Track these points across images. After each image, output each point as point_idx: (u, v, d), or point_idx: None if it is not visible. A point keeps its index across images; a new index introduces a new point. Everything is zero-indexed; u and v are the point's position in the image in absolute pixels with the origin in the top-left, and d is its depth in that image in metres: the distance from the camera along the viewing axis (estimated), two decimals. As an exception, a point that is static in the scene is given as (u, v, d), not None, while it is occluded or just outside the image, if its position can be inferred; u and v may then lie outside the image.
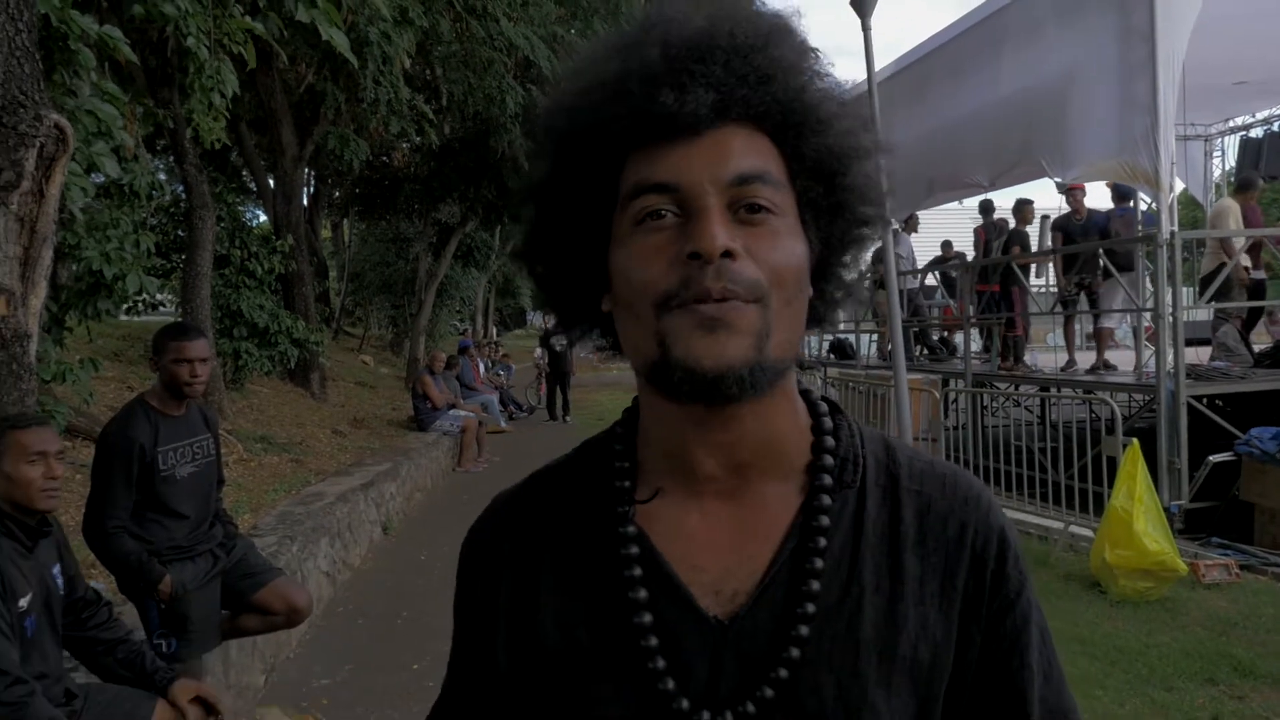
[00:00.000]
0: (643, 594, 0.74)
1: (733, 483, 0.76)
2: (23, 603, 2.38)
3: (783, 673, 0.71)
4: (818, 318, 0.79)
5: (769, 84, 0.72)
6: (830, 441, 0.78)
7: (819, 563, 0.73)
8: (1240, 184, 8.95)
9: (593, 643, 0.75)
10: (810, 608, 0.72)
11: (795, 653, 0.71)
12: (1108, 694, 4.02)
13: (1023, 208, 10.24)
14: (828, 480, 0.76)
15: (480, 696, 0.83)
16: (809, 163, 0.74)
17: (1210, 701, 3.92)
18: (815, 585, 0.72)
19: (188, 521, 3.27)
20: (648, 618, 0.73)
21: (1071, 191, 9.06)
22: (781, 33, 0.74)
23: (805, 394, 0.82)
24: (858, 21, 7.20)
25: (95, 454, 3.23)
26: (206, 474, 3.37)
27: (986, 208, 11.11)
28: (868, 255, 0.82)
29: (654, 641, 0.72)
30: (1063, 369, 9.29)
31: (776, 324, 0.69)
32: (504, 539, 0.83)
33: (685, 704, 0.71)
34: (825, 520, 0.74)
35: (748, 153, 0.71)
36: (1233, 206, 8.29)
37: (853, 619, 0.73)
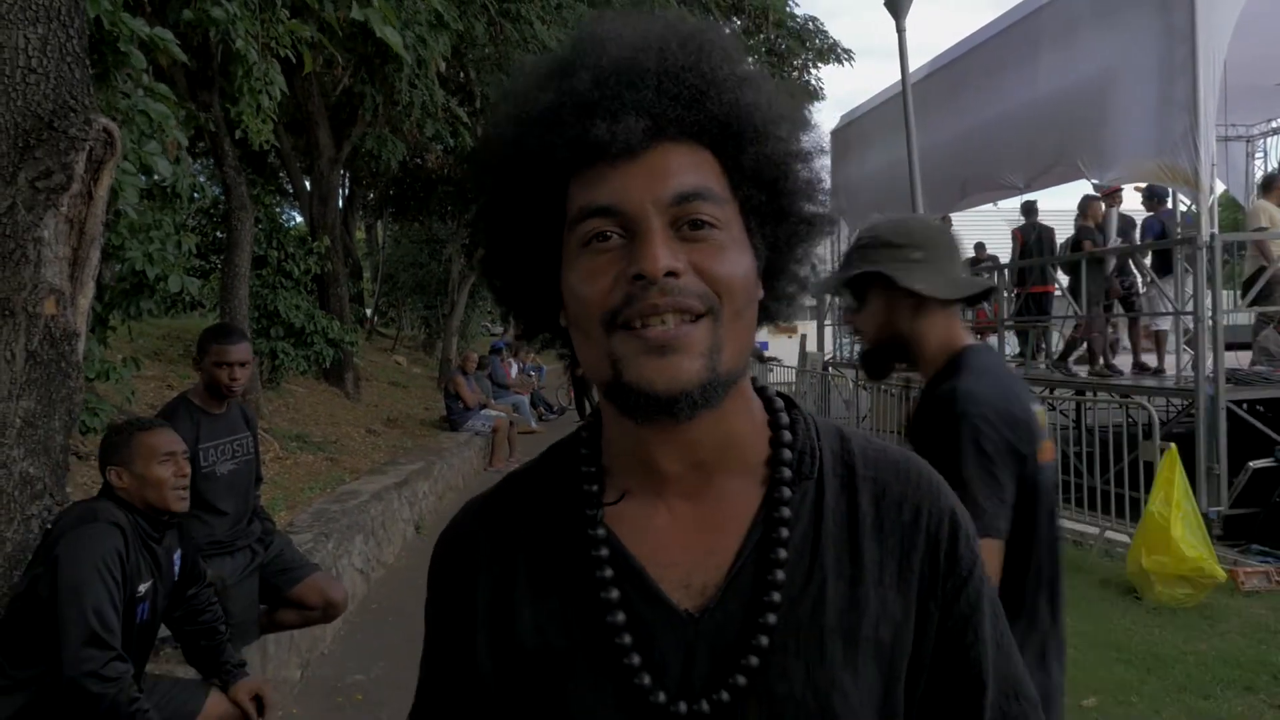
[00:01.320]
0: (615, 594, 0.76)
1: (695, 481, 0.78)
2: (141, 589, 2.46)
3: (753, 660, 0.73)
4: (770, 315, 0.82)
5: (702, 101, 0.74)
6: (787, 436, 0.81)
7: (782, 553, 0.75)
8: (1264, 183, 8.75)
9: (569, 643, 0.77)
10: (776, 597, 0.74)
11: (764, 641, 0.73)
12: (1144, 701, 3.98)
13: (1089, 204, 9.42)
14: (787, 474, 0.79)
15: (458, 700, 0.84)
16: (749, 172, 0.76)
17: (1248, 710, 3.87)
18: (780, 575, 0.75)
19: (227, 518, 3.33)
20: (621, 616, 0.75)
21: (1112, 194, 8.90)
22: (711, 47, 0.76)
23: (761, 391, 0.84)
24: (892, 22, 7.17)
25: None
26: (245, 471, 3.44)
27: (1029, 209, 10.75)
28: (817, 250, 0.85)
29: (628, 639, 0.74)
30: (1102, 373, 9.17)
31: (727, 337, 0.72)
32: (480, 542, 0.84)
33: (662, 697, 0.73)
34: (786, 512, 0.77)
35: (687, 170, 0.72)
36: (1265, 207, 8.14)
37: (816, 605, 0.75)
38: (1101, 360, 8.91)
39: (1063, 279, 9.86)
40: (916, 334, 1.72)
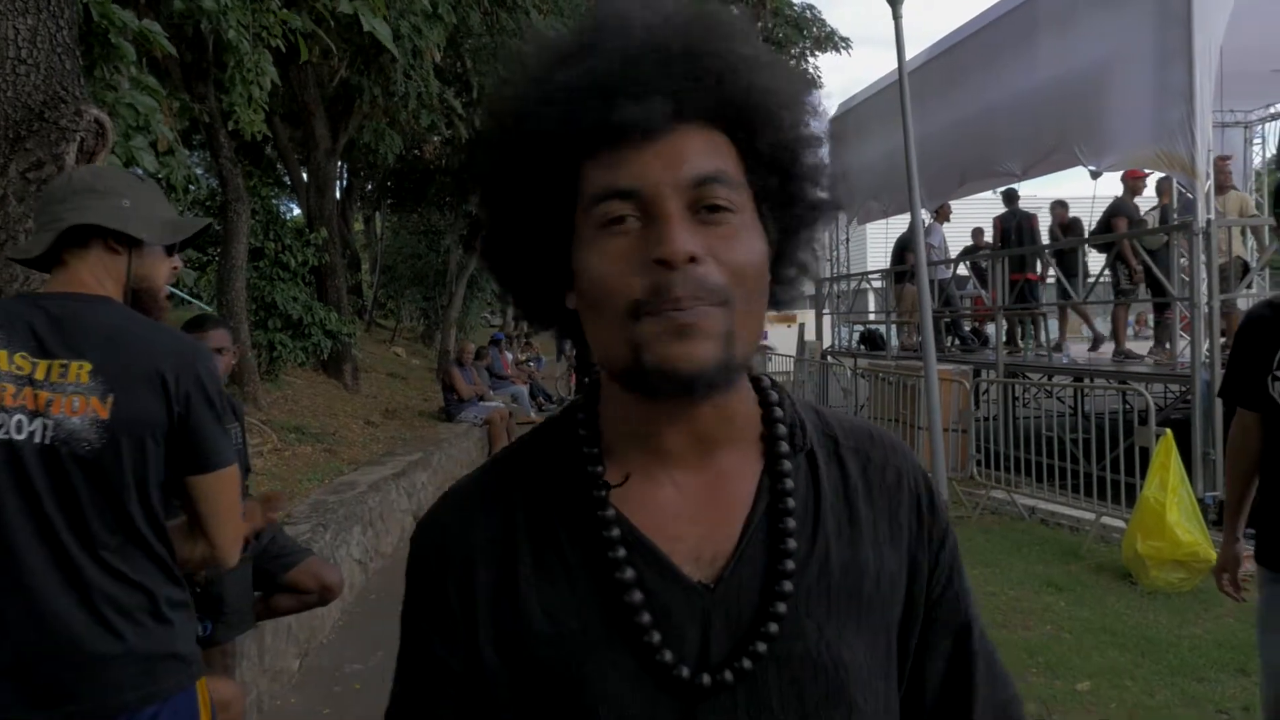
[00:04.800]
0: (630, 573, 0.76)
1: (698, 456, 0.80)
2: None
3: (772, 627, 0.75)
4: (774, 299, 0.81)
5: (721, 85, 0.73)
6: (779, 412, 0.84)
7: (790, 521, 0.78)
8: None
9: (585, 625, 0.76)
10: (789, 564, 0.76)
11: (780, 607, 0.75)
12: (1138, 685, 4.00)
13: (1132, 180, 9.05)
14: (785, 446, 0.82)
15: (439, 704, 0.81)
16: (763, 157, 0.76)
17: (1242, 692, 3.88)
18: (791, 542, 0.77)
19: (220, 507, 3.34)
20: (638, 595, 0.75)
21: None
22: (731, 29, 0.76)
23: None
24: (889, 10, 7.15)
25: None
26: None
27: (1009, 196, 10.96)
28: (821, 236, 0.86)
29: (646, 617, 0.75)
30: (1113, 356, 9.15)
31: (741, 323, 0.72)
32: (473, 531, 0.81)
33: (685, 671, 0.74)
34: (789, 482, 0.80)
35: (705, 154, 0.73)
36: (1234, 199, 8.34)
37: (823, 567, 0.78)
38: (1114, 345, 8.94)
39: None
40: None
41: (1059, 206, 10.74)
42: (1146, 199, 9.31)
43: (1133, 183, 9.11)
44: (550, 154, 0.74)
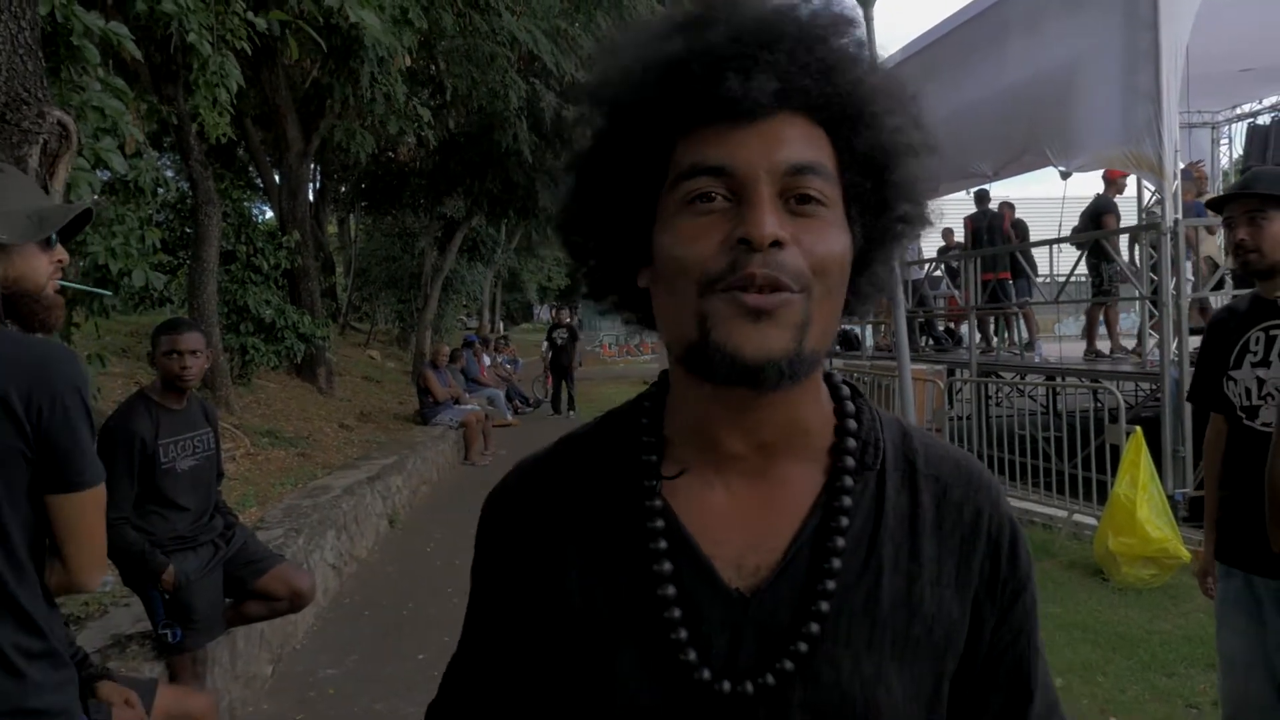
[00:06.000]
0: (667, 566, 0.75)
1: (758, 462, 0.77)
2: None
3: (802, 647, 0.73)
4: (848, 309, 0.80)
5: (829, 76, 0.72)
6: (853, 425, 0.80)
7: (840, 541, 0.75)
8: None
9: (616, 612, 0.76)
10: (830, 585, 0.74)
11: (815, 628, 0.73)
12: (1109, 680, 4.04)
13: (1113, 177, 9.21)
14: (850, 462, 0.78)
15: (502, 657, 0.84)
16: (860, 157, 0.74)
17: (1211, 687, 3.93)
18: (836, 563, 0.74)
19: (189, 513, 3.30)
20: (671, 590, 0.74)
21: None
22: (844, 24, 0.75)
23: (828, 378, 0.83)
24: (860, 11, 7.19)
25: (97, 447, 3.26)
26: (207, 467, 3.41)
27: (980, 196, 11.11)
28: (903, 251, 0.83)
29: (677, 613, 0.74)
30: (1084, 355, 9.23)
31: (816, 315, 0.70)
32: (531, 503, 0.83)
33: (706, 674, 0.73)
34: (847, 501, 0.76)
35: (802, 143, 0.71)
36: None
37: (870, 597, 0.75)
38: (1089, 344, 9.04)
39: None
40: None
41: (1006, 207, 11.00)
42: (1127, 198, 9.42)
43: (1114, 180, 9.18)
44: (647, 125, 0.73)
